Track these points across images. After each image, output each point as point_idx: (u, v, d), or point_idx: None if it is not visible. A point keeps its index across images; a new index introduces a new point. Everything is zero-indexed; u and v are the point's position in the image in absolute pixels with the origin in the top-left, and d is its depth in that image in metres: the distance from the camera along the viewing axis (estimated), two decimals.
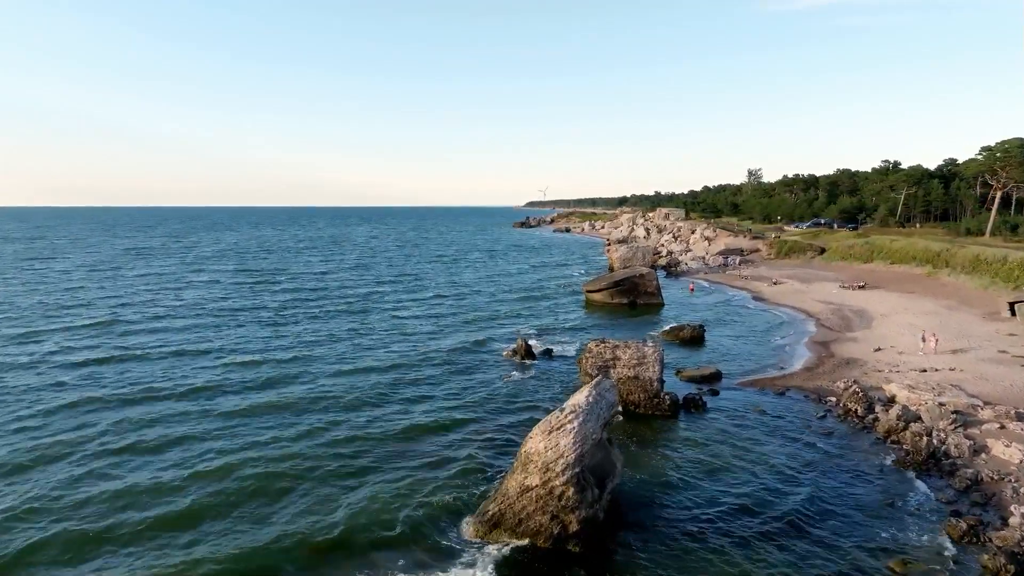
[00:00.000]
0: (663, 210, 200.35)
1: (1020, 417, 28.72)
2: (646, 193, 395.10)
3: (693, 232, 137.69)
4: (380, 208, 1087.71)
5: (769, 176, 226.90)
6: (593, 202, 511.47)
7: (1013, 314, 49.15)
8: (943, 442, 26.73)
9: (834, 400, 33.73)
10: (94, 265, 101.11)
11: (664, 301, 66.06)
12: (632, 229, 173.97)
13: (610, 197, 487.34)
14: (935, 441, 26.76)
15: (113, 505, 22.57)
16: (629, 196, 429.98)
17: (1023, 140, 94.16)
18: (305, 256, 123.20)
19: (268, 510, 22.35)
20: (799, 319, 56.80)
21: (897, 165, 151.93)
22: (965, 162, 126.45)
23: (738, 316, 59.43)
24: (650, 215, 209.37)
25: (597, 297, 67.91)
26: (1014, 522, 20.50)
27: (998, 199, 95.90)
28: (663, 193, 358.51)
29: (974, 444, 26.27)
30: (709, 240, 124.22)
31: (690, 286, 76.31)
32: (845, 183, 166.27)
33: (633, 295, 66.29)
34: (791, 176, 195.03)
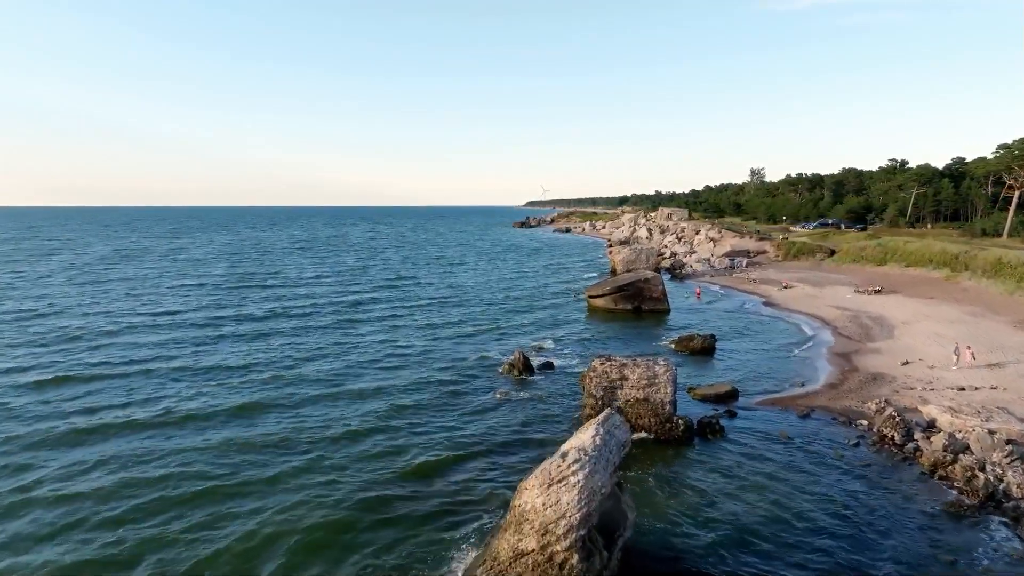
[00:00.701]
0: (666, 210, 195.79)
1: None
2: (647, 193, 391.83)
3: (697, 233, 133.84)
4: (380, 208, 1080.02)
5: (772, 175, 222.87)
6: (593, 202, 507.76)
7: None
8: (1000, 479, 23.35)
9: (866, 424, 30.32)
10: (80, 267, 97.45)
11: (670, 307, 62.66)
12: (634, 229, 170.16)
13: (610, 197, 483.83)
14: (991, 478, 23.38)
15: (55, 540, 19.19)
16: (629, 196, 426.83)
17: None
18: (299, 258, 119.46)
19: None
20: (815, 327, 53.35)
21: (905, 164, 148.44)
22: (974, 161, 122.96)
23: (749, 323, 55.96)
24: (652, 215, 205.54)
25: (600, 303, 64.47)
26: None
27: (1015, 199, 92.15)
28: (664, 193, 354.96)
29: None
30: (714, 241, 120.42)
31: (696, 291, 72.78)
32: (851, 182, 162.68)
33: (638, 301, 62.87)
34: (795, 175, 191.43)
